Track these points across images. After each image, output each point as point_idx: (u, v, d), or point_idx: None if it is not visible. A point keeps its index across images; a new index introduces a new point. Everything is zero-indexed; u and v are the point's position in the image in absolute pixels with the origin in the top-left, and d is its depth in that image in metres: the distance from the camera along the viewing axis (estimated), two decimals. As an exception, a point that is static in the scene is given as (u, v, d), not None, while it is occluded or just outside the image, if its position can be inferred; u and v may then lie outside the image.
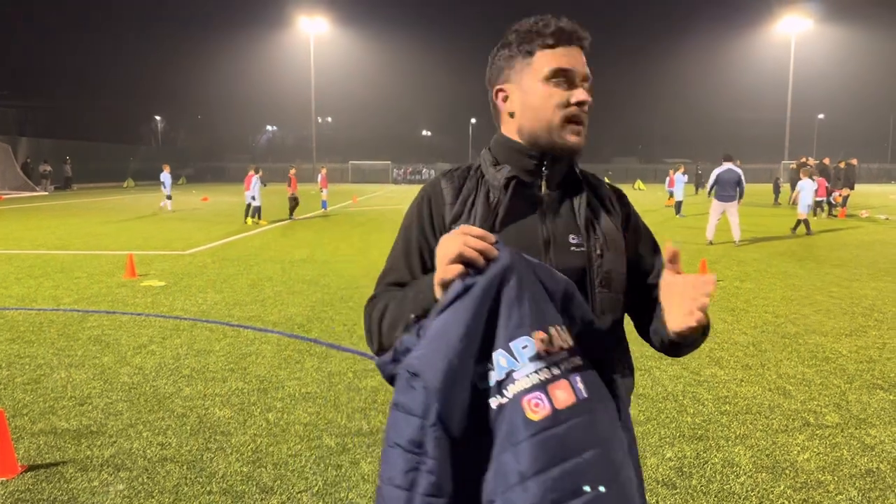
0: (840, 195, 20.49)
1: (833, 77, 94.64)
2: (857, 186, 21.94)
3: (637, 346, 5.19)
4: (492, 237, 1.17)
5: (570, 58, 1.37)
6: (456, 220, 1.38)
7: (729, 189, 12.95)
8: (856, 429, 4.01)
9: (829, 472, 3.45)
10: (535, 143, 1.39)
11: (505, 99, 1.42)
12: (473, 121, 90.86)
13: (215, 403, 4.46)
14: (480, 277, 1.13)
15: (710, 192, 13.60)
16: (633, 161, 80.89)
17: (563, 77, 1.35)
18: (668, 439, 3.87)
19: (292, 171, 20.36)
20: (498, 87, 1.43)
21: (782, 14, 57.19)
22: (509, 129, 1.43)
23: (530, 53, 1.37)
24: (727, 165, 13.11)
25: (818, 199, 18.42)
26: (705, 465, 3.54)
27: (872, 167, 58.34)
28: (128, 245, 12.91)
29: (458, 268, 1.14)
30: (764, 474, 3.43)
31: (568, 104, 1.36)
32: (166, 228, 16.65)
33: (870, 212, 20.27)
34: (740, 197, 13.00)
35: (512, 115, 1.41)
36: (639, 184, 48.89)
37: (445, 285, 1.16)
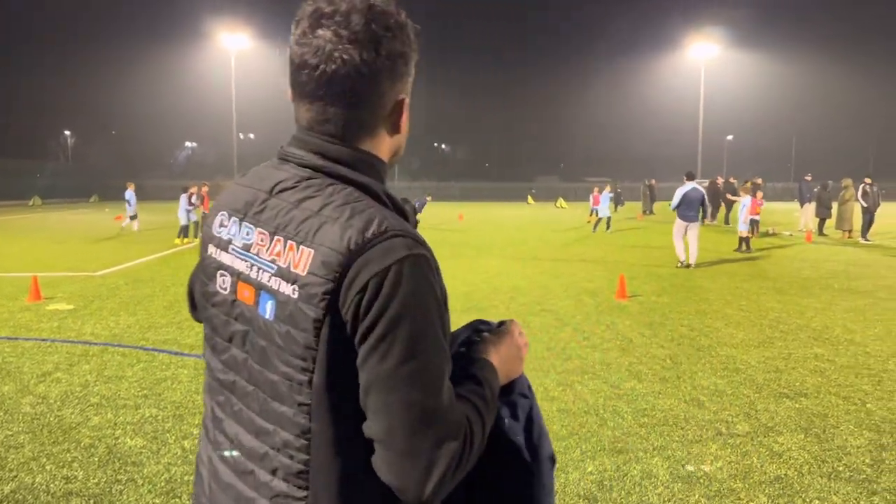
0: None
1: (740, 101, 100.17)
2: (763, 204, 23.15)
3: (560, 361, 5.27)
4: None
5: None
6: None
7: (693, 208, 12.47)
8: (764, 437, 4.19)
9: (740, 479, 3.59)
10: (393, 162, 1.20)
11: (400, 114, 1.14)
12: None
13: (126, 432, 4.25)
14: None
15: (674, 209, 12.81)
16: (555, 180, 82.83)
17: None
18: (589, 453, 3.94)
19: (205, 189, 20.03)
20: (404, 96, 1.13)
21: (693, 41, 60.22)
22: (384, 149, 1.15)
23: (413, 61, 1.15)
24: (691, 184, 12.60)
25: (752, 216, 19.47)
26: (625, 478, 3.61)
27: (777, 186, 61.71)
28: (33, 267, 12.20)
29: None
30: (679, 484, 3.53)
31: None
32: (76, 249, 15.86)
33: (775, 228, 21.41)
34: (705, 216, 12.70)
35: (396, 133, 1.16)
36: (560, 202, 50.04)
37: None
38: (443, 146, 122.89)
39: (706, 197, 12.56)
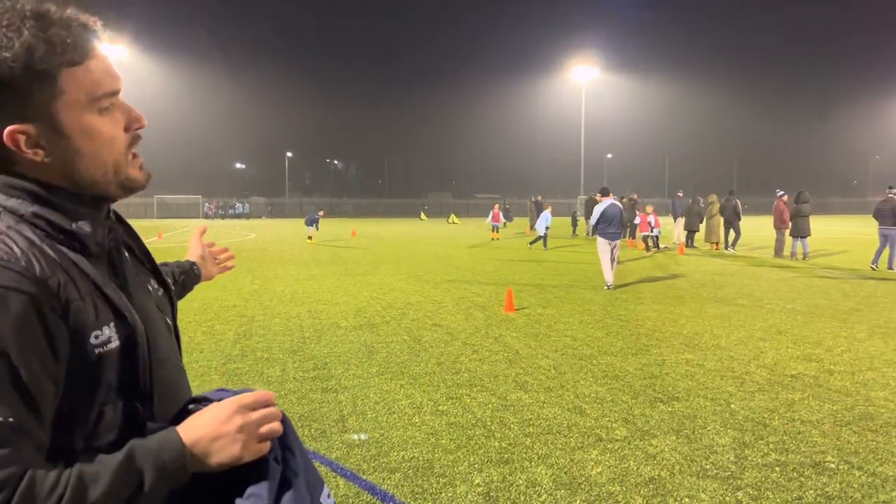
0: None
1: (619, 121, 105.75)
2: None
3: (450, 375, 5.31)
4: (272, 397, 1.04)
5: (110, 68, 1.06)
6: (95, 325, 0.99)
7: (615, 225, 11.85)
8: (641, 440, 4.41)
9: (618, 482, 3.75)
10: (91, 190, 1.06)
11: (28, 143, 0.98)
12: (290, 154, 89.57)
13: None
14: (285, 451, 1.07)
15: (593, 231, 12.29)
16: (448, 196, 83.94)
17: (112, 98, 1.05)
18: (476, 465, 3.99)
19: None
20: (13, 127, 0.96)
21: (575, 63, 63.11)
22: (44, 176, 1.01)
23: (49, 76, 0.96)
24: (609, 200, 12.07)
25: (643, 233, 20.87)
26: (511, 488, 3.68)
27: (653, 201, 65.59)
28: None
29: (264, 447, 1.01)
30: (563, 491, 3.64)
31: (129, 130, 1.09)
32: None
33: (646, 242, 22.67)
34: (621, 234, 12.35)
35: (45, 161, 1.00)
36: (453, 217, 50.78)
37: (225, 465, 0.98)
38: (335, 162, 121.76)
39: (622, 212, 12.12)
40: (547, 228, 20.87)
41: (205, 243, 1.83)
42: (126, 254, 1.15)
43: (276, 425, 1.01)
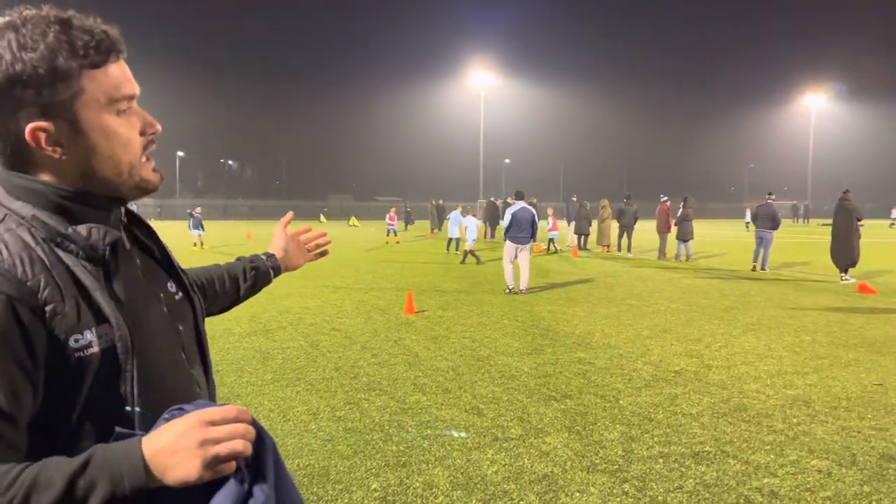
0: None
1: (516, 127, 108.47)
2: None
3: (348, 379, 5.24)
4: (243, 414, 0.97)
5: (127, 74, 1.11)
6: (76, 329, 0.99)
7: (525, 230, 11.69)
8: (535, 438, 4.52)
9: (512, 480, 3.82)
10: (105, 190, 1.10)
11: (49, 140, 1.03)
12: (181, 154, 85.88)
13: None
14: (256, 474, 0.97)
15: (505, 232, 12.02)
16: (348, 198, 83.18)
17: (130, 102, 1.10)
18: (373, 470, 3.96)
19: None
20: (35, 124, 1.01)
21: (474, 69, 64.19)
22: (55, 176, 1.06)
23: (71, 76, 1.02)
24: (521, 204, 11.87)
25: (550, 235, 21.71)
26: (407, 491, 3.68)
27: (549, 205, 67.76)
28: None
29: (227, 467, 0.93)
30: (459, 491, 3.67)
31: (144, 135, 1.13)
32: None
33: (543, 245, 23.35)
34: (532, 237, 12.00)
35: (63, 158, 1.05)
36: (353, 220, 50.35)
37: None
38: (230, 162, 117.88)
39: (536, 217, 11.92)
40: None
41: (292, 233, 1.89)
42: (137, 258, 1.18)
43: (238, 444, 0.93)
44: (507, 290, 11.73)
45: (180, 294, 1.25)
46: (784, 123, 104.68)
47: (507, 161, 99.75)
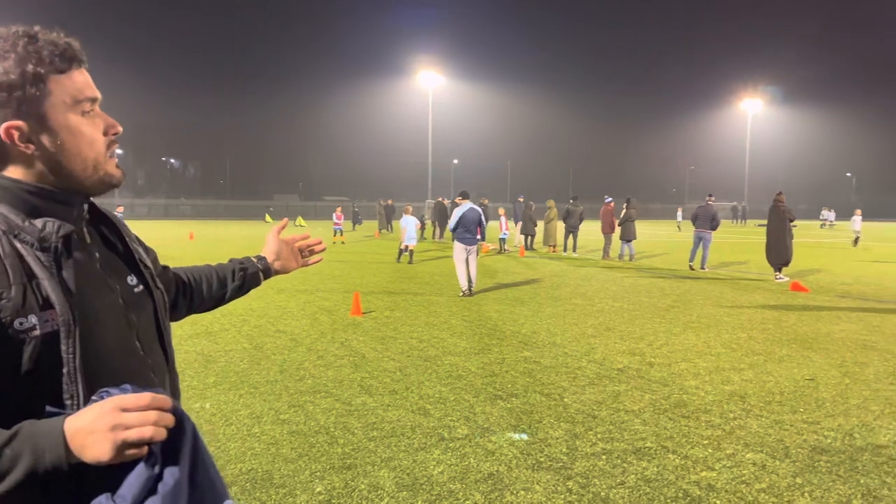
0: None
1: (465, 128, 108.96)
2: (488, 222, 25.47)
3: (293, 382, 5.15)
4: (157, 402, 1.03)
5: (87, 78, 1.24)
6: (20, 313, 1.08)
7: (472, 230, 11.51)
8: (481, 437, 4.54)
9: (458, 480, 3.83)
10: (71, 184, 1.21)
11: (21, 137, 1.15)
12: (120, 152, 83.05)
13: None
14: (166, 459, 1.04)
15: (453, 233, 11.76)
16: (295, 198, 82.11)
17: (93, 105, 1.23)
18: (318, 473, 3.91)
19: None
20: (10, 123, 1.14)
21: (421, 69, 64.22)
22: (25, 171, 1.18)
23: (39, 80, 1.15)
24: (468, 204, 11.71)
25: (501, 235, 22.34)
26: (353, 493, 3.64)
27: (507, 206, 68.36)
28: None
29: (137, 451, 1.00)
30: (404, 493, 3.66)
31: (107, 135, 1.26)
32: None
33: (493, 245, 23.53)
34: (481, 237, 11.85)
35: (34, 154, 1.17)
36: (300, 220, 49.75)
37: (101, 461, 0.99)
38: (172, 161, 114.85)
39: (483, 217, 11.80)
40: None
41: (286, 238, 1.99)
42: (97, 251, 1.27)
43: (147, 430, 1.00)
44: (462, 294, 11.41)
45: (141, 287, 1.34)
46: (723, 127, 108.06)
47: (456, 161, 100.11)
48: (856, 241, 27.22)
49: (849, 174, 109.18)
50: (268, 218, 59.59)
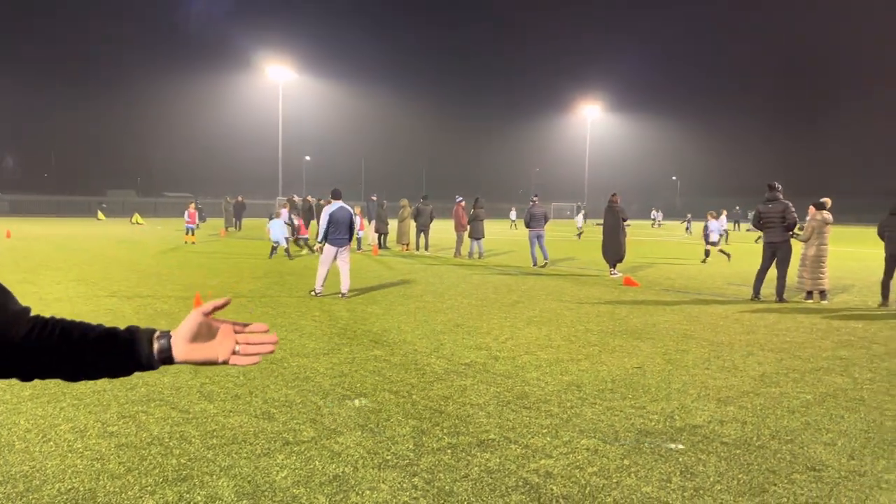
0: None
1: (317, 124, 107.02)
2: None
3: (124, 391, 4.77)
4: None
5: None
6: None
7: (343, 231, 11.09)
8: (328, 439, 4.45)
9: (302, 484, 3.73)
10: None
11: None
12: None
13: None
14: None
15: (323, 237, 11.17)
16: (132, 194, 76.73)
17: None
18: (149, 488, 3.65)
19: None
20: None
21: (270, 63, 62.17)
22: None
23: None
24: (338, 203, 11.27)
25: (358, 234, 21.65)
26: (188, 507, 3.44)
27: (361, 204, 67.86)
28: None
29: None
30: (245, 501, 3.50)
31: None
32: None
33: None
34: (350, 239, 11.37)
35: None
36: (137, 218, 46.52)
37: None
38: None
39: (354, 217, 11.42)
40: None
41: (219, 322, 1.37)
42: None
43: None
44: (314, 293, 11.15)
45: None
46: (566, 131, 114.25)
47: (308, 158, 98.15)
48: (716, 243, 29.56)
49: (674, 177, 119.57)
50: (100, 215, 55.16)
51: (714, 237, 19.59)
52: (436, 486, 3.75)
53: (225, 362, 1.34)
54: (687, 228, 43.50)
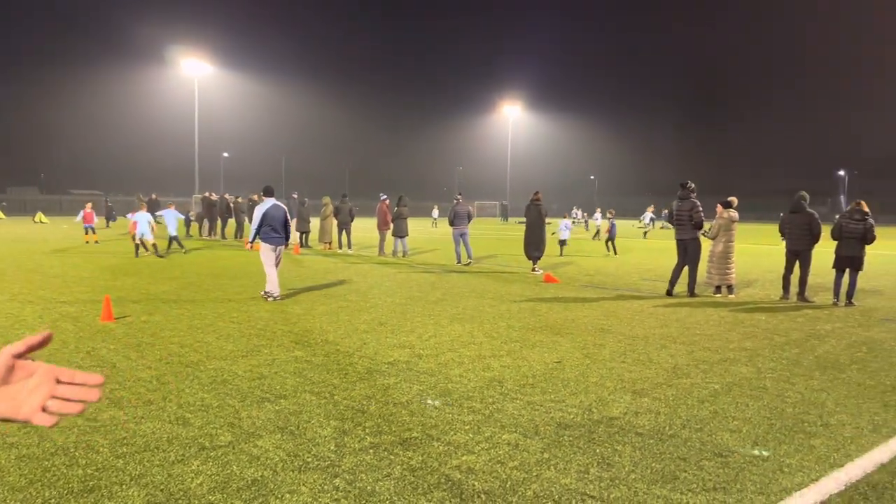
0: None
1: (236, 120, 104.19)
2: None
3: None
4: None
5: None
6: None
7: (279, 229, 10.68)
8: (245, 443, 4.33)
9: (219, 491, 3.61)
10: None
11: None
12: None
13: None
14: None
15: (255, 236, 10.77)
16: (34, 192, 72.60)
17: None
18: (52, 500, 3.44)
19: None
20: None
21: (185, 57, 60.02)
22: None
23: None
24: (271, 201, 10.82)
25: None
26: (95, 520, 3.27)
27: (282, 201, 66.44)
28: None
29: None
30: (157, 511, 3.37)
31: None
32: None
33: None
34: (287, 239, 10.98)
35: None
36: (40, 216, 44.05)
37: None
38: None
39: (288, 214, 10.98)
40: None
41: (32, 366, 1.04)
42: None
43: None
44: (274, 298, 10.51)
45: None
46: (488, 130, 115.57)
47: (226, 154, 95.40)
48: (596, 233, 31.16)
49: (592, 177, 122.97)
50: (0, 214, 51.91)
51: (566, 234, 21.79)
52: (357, 486, 3.71)
53: (27, 421, 1.02)
54: (579, 220, 45.17)
